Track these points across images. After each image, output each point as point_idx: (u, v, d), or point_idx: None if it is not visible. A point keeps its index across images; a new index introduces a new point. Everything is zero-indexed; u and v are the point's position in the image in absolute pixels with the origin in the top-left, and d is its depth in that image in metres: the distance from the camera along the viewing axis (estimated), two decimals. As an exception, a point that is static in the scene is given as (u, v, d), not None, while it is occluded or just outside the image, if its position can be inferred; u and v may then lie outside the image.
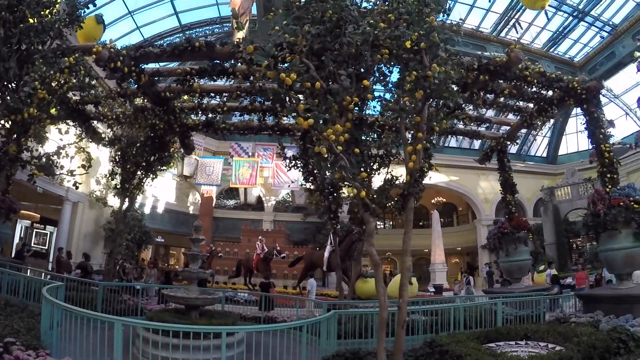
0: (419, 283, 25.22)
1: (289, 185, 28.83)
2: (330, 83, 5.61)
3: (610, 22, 28.20)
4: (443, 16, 7.02)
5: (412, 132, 6.04)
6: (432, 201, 36.48)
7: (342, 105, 5.44)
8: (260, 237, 22.09)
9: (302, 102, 5.49)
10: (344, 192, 11.33)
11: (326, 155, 5.21)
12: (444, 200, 37.29)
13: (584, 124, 12.33)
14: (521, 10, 25.02)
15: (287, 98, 5.22)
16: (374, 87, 6.33)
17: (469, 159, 18.62)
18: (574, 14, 27.01)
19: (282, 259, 21.14)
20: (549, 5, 25.04)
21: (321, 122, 5.07)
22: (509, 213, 14.86)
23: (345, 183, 5.61)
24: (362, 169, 5.70)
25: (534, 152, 37.64)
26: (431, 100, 5.79)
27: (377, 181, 6.37)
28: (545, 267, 22.04)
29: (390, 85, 6.24)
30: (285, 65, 5.79)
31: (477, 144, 22.16)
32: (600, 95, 32.98)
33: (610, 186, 10.84)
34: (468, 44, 24.34)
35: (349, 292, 13.82)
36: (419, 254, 37.02)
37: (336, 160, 5.19)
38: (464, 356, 5.83)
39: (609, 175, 11.12)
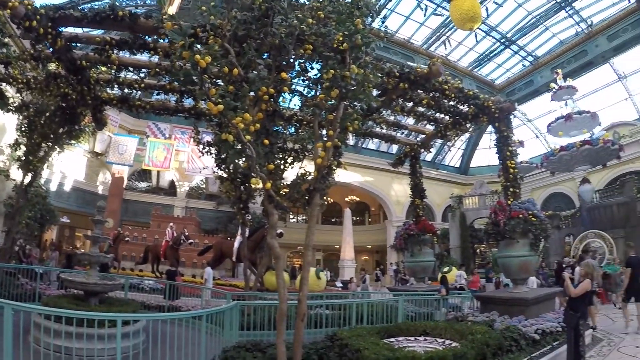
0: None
1: (200, 171, 27.90)
2: (248, 71, 5.54)
3: (534, 54, 30.83)
4: (372, 20, 7.10)
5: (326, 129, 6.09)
6: (346, 199, 37.20)
7: (256, 95, 5.39)
8: (170, 224, 21.44)
9: (215, 87, 5.37)
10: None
11: (233, 144, 5.13)
12: (358, 199, 38.18)
13: (493, 140, 12.90)
14: (453, 29, 26.09)
15: (200, 81, 5.07)
16: (295, 81, 6.32)
17: (385, 161, 19.19)
18: (502, 41, 28.87)
19: (190, 246, 20.61)
20: (480, 29, 26.57)
21: (232, 109, 4.97)
22: (416, 216, 15.41)
23: (253, 174, 5.55)
24: (270, 161, 5.66)
25: (447, 162, 39.78)
26: (347, 100, 5.84)
27: (293, 175, 6.37)
28: (450, 268, 23.21)
29: (309, 82, 6.24)
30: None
31: (394, 148, 22.84)
32: (513, 117, 35.27)
33: (512, 199, 11.48)
34: (398, 52, 25.03)
35: (254, 284, 13.76)
36: (330, 250, 37.84)
37: (243, 149, 5.11)
38: (362, 350, 5.93)
39: (511, 189, 11.72)
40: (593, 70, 31.44)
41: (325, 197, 5.82)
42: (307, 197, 5.76)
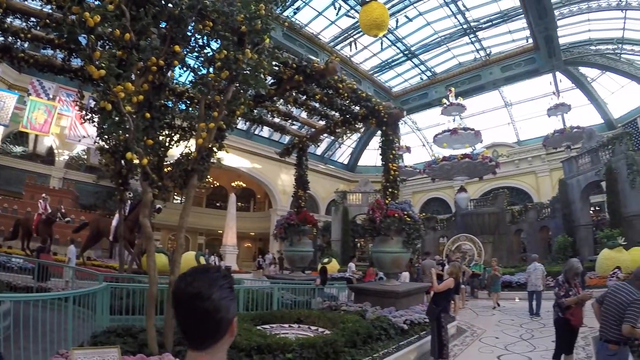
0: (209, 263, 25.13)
1: (80, 140, 25.48)
2: (141, 39, 5.20)
3: (432, 70, 32.71)
4: (280, 8, 6.99)
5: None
6: (233, 184, 36.70)
7: (145, 65, 5.10)
8: (43, 195, 19.22)
9: (102, 50, 4.98)
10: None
11: (111, 113, 4.78)
12: (244, 185, 37.74)
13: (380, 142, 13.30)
14: (361, 33, 26.57)
15: (88, 41, 4.67)
16: (190, 57, 6.07)
17: (276, 150, 19.12)
18: (405, 52, 30.05)
19: (66, 224, 18.94)
20: (387, 38, 27.38)
21: (115, 76, 4.63)
22: (298, 207, 15.56)
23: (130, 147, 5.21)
24: (150, 136, 5.37)
25: (337, 158, 40.70)
26: (237, 83, 5.70)
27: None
28: (330, 260, 23.95)
29: (202, 59, 6.02)
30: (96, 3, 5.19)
31: (287, 138, 22.89)
32: (404, 124, 36.97)
33: (389, 199, 11.93)
34: (304, 45, 25.03)
35: (129, 265, 13.10)
36: (213, 234, 37.19)
37: (122, 120, 4.79)
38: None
39: (390, 190, 12.13)
40: (483, 94, 34.21)
41: (209, 180, 5.65)
42: (181, 177, 5.55)
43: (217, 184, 36.84)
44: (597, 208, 29.74)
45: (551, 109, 25.75)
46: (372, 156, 40.22)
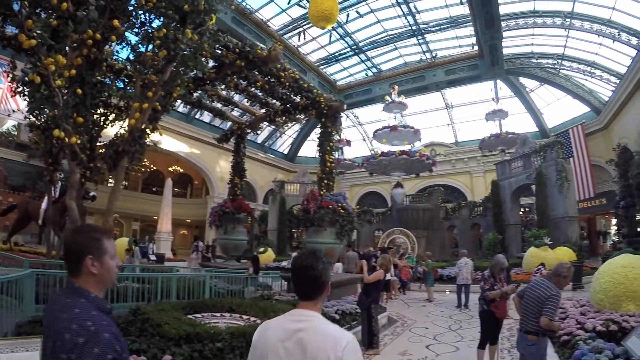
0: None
1: (9, 115, 23.56)
2: (78, 9, 4.88)
3: (378, 67, 33.03)
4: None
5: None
6: (170, 169, 35.69)
7: (81, 38, 4.80)
8: None
9: (36, 18, 4.64)
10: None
11: (40, 86, 4.47)
12: (182, 170, 36.75)
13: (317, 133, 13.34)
14: (311, 24, 26.39)
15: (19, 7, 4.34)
16: (130, 33, 5.78)
17: (215, 136, 18.67)
18: (353, 47, 30.09)
19: None
20: (336, 32, 27.33)
21: (47, 47, 4.33)
22: (233, 194, 15.37)
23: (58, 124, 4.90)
24: (80, 114, 5.08)
25: (277, 147, 40.38)
26: (175, 63, 5.49)
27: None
28: (265, 249, 23.80)
29: (142, 36, 5.74)
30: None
31: (229, 124, 22.44)
32: (346, 118, 37.32)
33: (325, 190, 12.00)
34: (252, 31, 24.54)
35: (57, 251, 12.42)
36: (148, 220, 35.93)
37: (51, 95, 4.49)
38: (163, 325, 5.77)
39: (326, 181, 12.21)
40: (426, 94, 34.95)
41: (145, 163, 5.42)
42: (111, 158, 5.29)
43: (154, 168, 35.46)
44: (526, 209, 31.37)
45: (489, 114, 26.75)
46: (312, 147, 40.21)
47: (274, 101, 13.34)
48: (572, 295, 11.83)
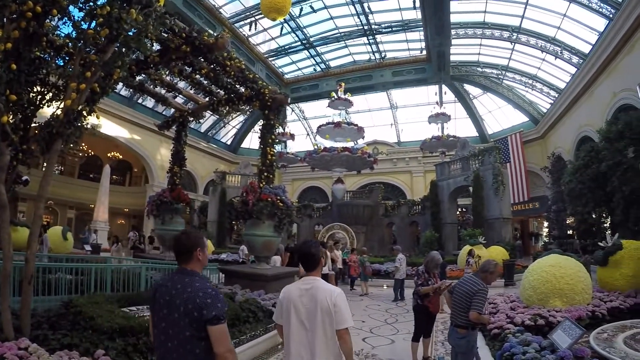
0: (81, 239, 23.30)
1: None
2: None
3: (327, 63, 33.14)
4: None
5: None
6: (109, 155, 34.02)
7: (19, 9, 4.51)
8: None
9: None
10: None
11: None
12: (121, 156, 35.02)
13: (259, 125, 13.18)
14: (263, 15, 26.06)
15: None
16: (73, 8, 5.45)
17: (157, 122, 18.05)
18: (304, 42, 29.96)
19: None
20: (288, 25, 27.15)
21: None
22: (172, 184, 14.94)
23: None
24: (14, 91, 4.76)
25: (220, 137, 39.73)
26: (118, 44, 5.25)
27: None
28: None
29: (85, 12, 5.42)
30: None
31: (172, 111, 21.79)
32: (291, 112, 37.33)
33: (264, 183, 11.87)
34: (203, 16, 23.88)
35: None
36: (85, 208, 34.05)
37: (-18, 69, 4.21)
38: (96, 318, 5.58)
39: (266, 174, 12.05)
40: (372, 93, 35.70)
41: (83, 148, 5.14)
42: (43, 140, 5.00)
43: (92, 153, 33.56)
44: (463, 209, 32.57)
45: (432, 116, 27.37)
46: (256, 139, 39.46)
47: (219, 90, 12.99)
48: (504, 291, 12.29)
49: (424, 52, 29.63)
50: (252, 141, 40.54)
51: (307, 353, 3.19)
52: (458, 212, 30.18)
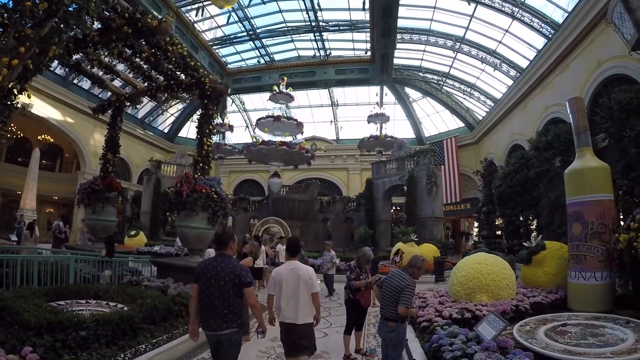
0: (6, 228, 21.99)
1: None
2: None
3: (272, 56, 32.95)
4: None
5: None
6: (39, 137, 32.03)
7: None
8: None
9: None
10: None
11: None
12: (52, 140, 32.99)
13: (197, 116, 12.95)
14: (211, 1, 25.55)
15: None
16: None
17: (92, 105, 17.20)
18: (250, 33, 29.55)
19: None
20: (236, 14, 26.86)
21: None
22: (105, 171, 14.41)
23: None
24: None
25: (158, 125, 38.40)
26: (57, 19, 5.05)
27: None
28: (137, 232, 22.74)
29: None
30: None
31: (109, 94, 20.83)
32: (232, 103, 36.95)
33: (199, 174, 11.66)
34: (150, -1, 23.06)
35: None
36: (11, 195, 31.63)
37: None
38: (22, 312, 5.36)
39: (201, 165, 11.85)
40: (314, 90, 35.96)
41: (12, 128, 4.89)
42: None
43: (21, 134, 31.22)
44: (397, 207, 33.64)
45: (372, 116, 27.93)
46: (194, 128, 38.82)
47: (158, 76, 12.60)
48: (434, 287, 12.68)
49: (369, 53, 30.09)
50: (190, 130, 39.69)
51: (294, 307, 4.97)
52: (392, 210, 31.12)
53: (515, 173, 18.42)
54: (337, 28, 28.42)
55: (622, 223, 7.49)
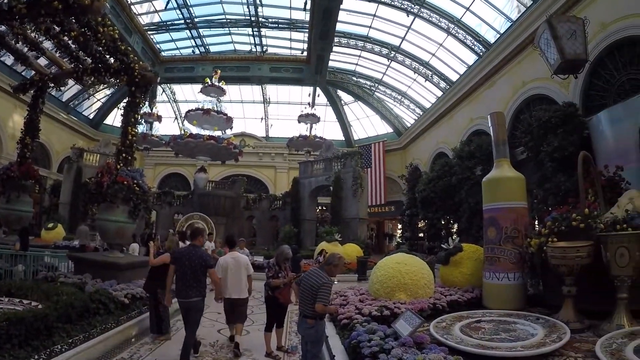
0: None
1: None
2: None
3: (207, 47, 32.48)
4: None
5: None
6: None
7: None
8: None
9: None
10: None
11: None
12: None
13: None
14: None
15: None
16: None
17: (14, 83, 15.84)
18: (187, 21, 28.74)
19: None
20: (175, 0, 26.21)
21: None
22: (22, 157, 13.38)
23: None
24: None
25: (82, 110, 36.04)
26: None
27: None
28: (55, 225, 21.54)
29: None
30: None
31: (32, 73, 19.04)
32: (162, 92, 35.91)
33: (122, 164, 11.19)
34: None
35: None
36: None
37: None
38: None
39: (124, 155, 11.35)
40: (247, 85, 35.79)
41: None
42: None
43: None
44: (323, 207, 34.07)
45: (303, 116, 28.13)
46: (121, 116, 37.28)
47: (86, 57, 11.79)
48: (357, 285, 12.91)
49: (305, 54, 30.41)
50: (116, 118, 37.59)
51: (237, 286, 7.23)
52: (318, 210, 31.68)
53: (439, 179, 19.41)
54: (277, 25, 28.48)
55: (536, 229, 8.02)
